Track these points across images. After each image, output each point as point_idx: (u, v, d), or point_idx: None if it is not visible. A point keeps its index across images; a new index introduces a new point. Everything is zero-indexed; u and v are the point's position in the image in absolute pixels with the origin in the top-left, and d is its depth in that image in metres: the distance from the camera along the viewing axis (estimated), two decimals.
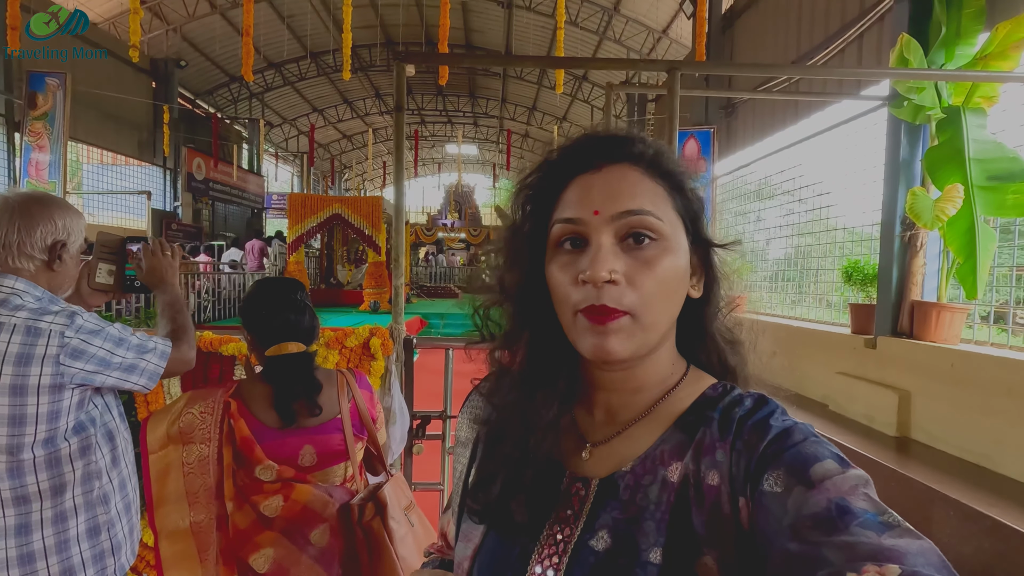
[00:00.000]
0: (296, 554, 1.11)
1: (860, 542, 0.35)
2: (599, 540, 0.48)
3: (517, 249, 0.56)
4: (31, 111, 7.62)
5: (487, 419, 0.60)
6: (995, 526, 1.99)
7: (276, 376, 1.20)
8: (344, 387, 1.26)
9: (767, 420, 0.47)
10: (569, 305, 0.49)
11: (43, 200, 1.18)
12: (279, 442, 1.17)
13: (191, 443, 1.15)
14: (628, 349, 0.48)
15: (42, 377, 1.07)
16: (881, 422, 3.06)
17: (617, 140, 0.54)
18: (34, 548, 1.09)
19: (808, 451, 0.43)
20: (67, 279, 1.21)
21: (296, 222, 10.20)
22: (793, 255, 5.16)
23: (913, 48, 2.89)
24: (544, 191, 0.54)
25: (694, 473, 0.48)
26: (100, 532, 1.18)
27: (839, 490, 0.39)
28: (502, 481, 0.54)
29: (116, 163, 12.58)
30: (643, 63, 4.09)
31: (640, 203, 0.49)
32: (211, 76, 16.05)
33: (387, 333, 1.96)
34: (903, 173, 3.24)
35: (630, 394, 0.54)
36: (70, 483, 1.13)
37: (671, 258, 0.50)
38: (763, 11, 6.48)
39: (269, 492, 1.14)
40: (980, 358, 2.59)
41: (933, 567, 0.33)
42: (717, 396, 0.52)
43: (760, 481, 0.43)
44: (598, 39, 13.55)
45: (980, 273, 2.78)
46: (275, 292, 1.26)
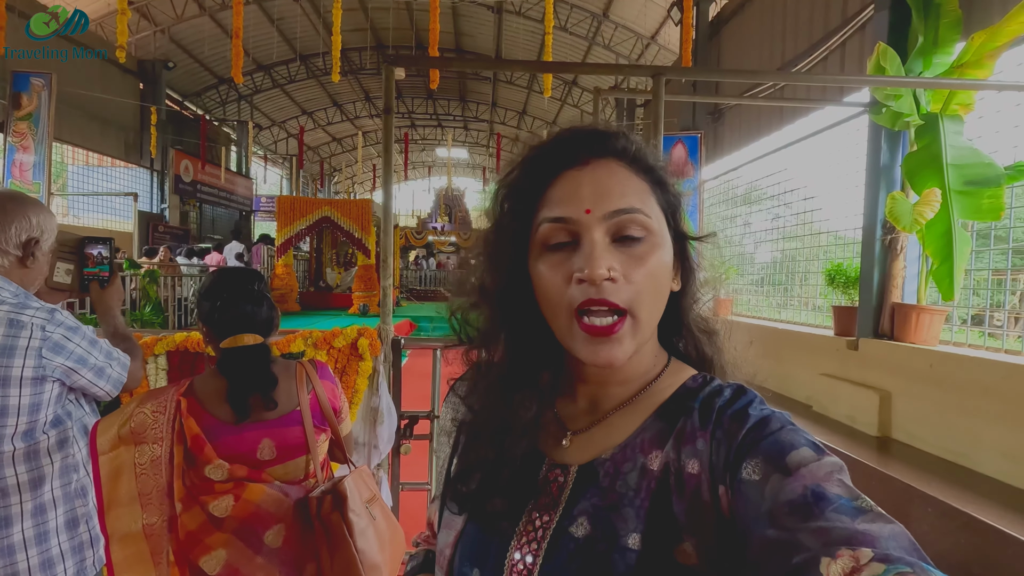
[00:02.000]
0: (249, 555, 1.08)
1: (834, 527, 0.36)
2: (578, 526, 0.49)
3: (499, 248, 0.55)
4: (15, 111, 7.52)
5: (464, 420, 0.60)
6: (971, 522, 2.04)
7: (230, 369, 1.17)
8: (303, 379, 1.23)
9: (746, 409, 0.48)
10: (563, 305, 0.49)
11: (17, 198, 1.19)
12: (236, 437, 1.15)
13: (143, 443, 1.12)
14: (630, 352, 0.49)
15: (24, 369, 1.08)
16: (863, 422, 3.12)
17: (601, 135, 0.53)
18: (14, 540, 1.09)
19: (785, 439, 0.44)
20: (39, 276, 1.22)
21: (285, 225, 10.14)
22: (779, 259, 5.24)
23: (890, 56, 2.96)
24: (528, 188, 0.53)
25: (674, 461, 0.48)
26: (79, 524, 1.19)
27: (814, 477, 0.40)
28: (481, 477, 0.54)
29: (102, 164, 12.43)
30: (629, 68, 4.14)
31: (630, 201, 0.49)
32: (199, 78, 15.93)
33: (375, 334, 1.97)
34: (883, 178, 3.31)
35: (615, 386, 0.55)
36: (48, 476, 1.14)
37: (660, 253, 0.50)
38: (749, 19, 6.58)
39: (219, 492, 1.11)
40: (958, 359, 2.65)
41: (904, 550, 0.34)
42: (697, 387, 0.53)
43: (739, 469, 0.44)
44: (587, 44, 13.65)
45: (956, 276, 2.85)
46: (231, 282, 1.23)
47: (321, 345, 1.95)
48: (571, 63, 12.90)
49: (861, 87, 3.94)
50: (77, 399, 1.22)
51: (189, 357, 1.97)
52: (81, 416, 1.23)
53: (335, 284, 11.87)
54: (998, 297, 2.95)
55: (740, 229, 5.98)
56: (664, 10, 10.37)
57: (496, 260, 0.55)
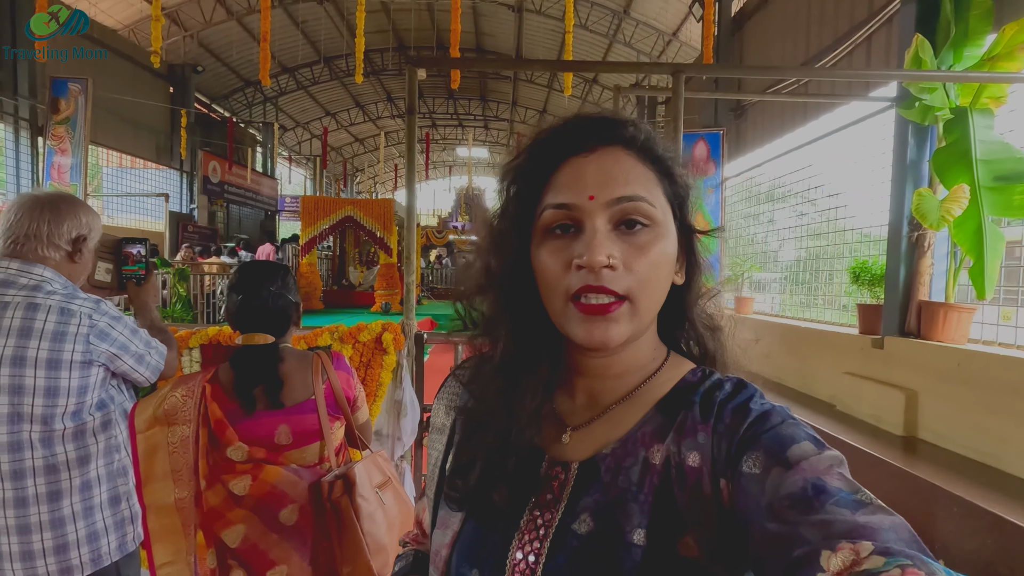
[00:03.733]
0: (265, 531, 1.15)
1: (835, 520, 0.36)
2: (581, 523, 0.48)
3: (503, 233, 0.54)
4: (53, 116, 7.82)
5: (464, 406, 0.59)
6: (997, 522, 2.01)
7: (238, 365, 1.24)
8: (319, 369, 1.29)
9: (747, 403, 0.48)
10: (560, 291, 0.49)
11: (69, 199, 1.29)
12: (254, 423, 1.22)
13: (175, 424, 1.20)
14: (625, 335, 0.48)
15: (74, 353, 1.16)
16: (888, 422, 3.07)
17: (609, 122, 0.53)
18: (64, 513, 1.17)
19: (785, 433, 0.44)
20: (84, 271, 1.30)
21: (309, 224, 10.31)
22: (804, 257, 5.17)
23: (927, 48, 2.91)
24: (533, 174, 0.53)
25: (675, 455, 0.48)
26: (120, 501, 1.27)
27: (815, 470, 0.40)
28: (481, 468, 0.53)
29: (135, 166, 12.82)
30: (649, 66, 4.14)
31: (634, 189, 0.49)
32: (226, 81, 16.30)
33: (399, 328, 2.02)
34: (911, 174, 3.25)
35: (613, 379, 0.54)
36: (94, 455, 1.21)
37: (663, 244, 0.50)
38: (772, 14, 6.49)
39: (239, 472, 1.19)
40: (986, 358, 2.60)
41: (904, 542, 0.34)
42: (697, 381, 0.53)
43: (740, 463, 0.44)
44: (608, 42, 13.59)
45: (989, 273, 2.79)
46: (250, 280, 1.28)
47: (347, 339, 2.01)
48: (591, 62, 12.89)
49: (887, 82, 3.87)
50: (119, 385, 1.30)
51: (221, 350, 2.05)
52: (122, 401, 1.31)
53: (357, 283, 12.03)
54: None
55: (763, 227, 5.92)
56: (686, 6, 10.28)
57: (501, 245, 0.55)
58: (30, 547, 1.14)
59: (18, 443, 1.13)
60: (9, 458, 1.12)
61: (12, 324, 1.12)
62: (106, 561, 1.23)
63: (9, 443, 1.12)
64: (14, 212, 1.22)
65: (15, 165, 8.48)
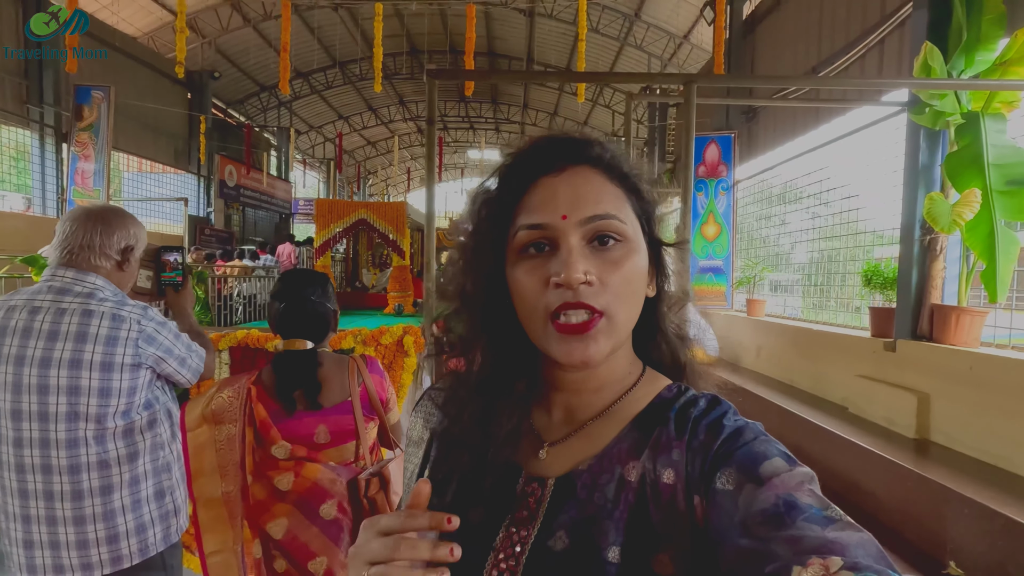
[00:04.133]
0: (306, 524, 1.23)
1: (805, 536, 0.37)
2: (557, 540, 0.48)
3: (477, 254, 0.55)
4: (78, 123, 8.04)
5: (439, 428, 0.59)
6: (1009, 524, 2.03)
7: (280, 369, 1.33)
8: (355, 372, 1.37)
9: (720, 420, 0.49)
10: (540, 309, 0.49)
11: (118, 211, 1.38)
12: (296, 422, 1.30)
13: (222, 423, 1.28)
14: (604, 352, 0.49)
15: (125, 356, 1.24)
16: (900, 424, 3.09)
17: (576, 142, 0.54)
18: (115, 506, 1.25)
19: (758, 450, 0.45)
20: (130, 279, 1.38)
21: (323, 227, 10.44)
22: (817, 259, 5.18)
23: (936, 56, 2.93)
24: (505, 195, 0.53)
25: (650, 472, 0.48)
26: (165, 495, 1.34)
27: (786, 487, 0.41)
28: (456, 487, 0.53)
29: (153, 171, 13.08)
30: (661, 77, 4.19)
31: (605, 207, 0.50)
32: (242, 86, 16.56)
33: (419, 332, 2.10)
34: (922, 178, 3.27)
35: (590, 394, 0.55)
36: (141, 451, 1.29)
37: (635, 258, 0.51)
38: (784, 17, 6.50)
39: (283, 469, 1.27)
40: (999, 361, 2.62)
41: (872, 557, 0.35)
42: (672, 397, 0.54)
43: (713, 479, 0.45)
44: (619, 45, 13.61)
45: (1002, 277, 2.81)
46: (295, 289, 1.36)
47: (369, 342, 2.08)
48: (604, 73, 12.96)
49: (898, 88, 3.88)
50: (163, 386, 1.38)
51: (250, 352, 2.14)
52: (166, 401, 1.39)
53: (371, 285, 12.17)
54: None
55: (776, 229, 5.92)
56: (697, 9, 10.28)
57: (475, 266, 0.55)
58: (85, 536, 1.22)
59: (74, 440, 1.21)
60: (67, 454, 1.21)
61: (69, 329, 1.21)
62: (152, 551, 1.30)
63: (67, 440, 1.20)
64: (68, 224, 1.30)
65: (40, 171, 8.71)
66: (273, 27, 13.56)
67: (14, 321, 1.21)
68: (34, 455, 1.20)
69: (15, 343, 1.20)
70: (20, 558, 1.23)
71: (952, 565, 2.20)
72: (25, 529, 1.22)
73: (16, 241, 7.34)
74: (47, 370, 1.19)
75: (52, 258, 1.29)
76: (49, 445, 1.20)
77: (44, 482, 1.20)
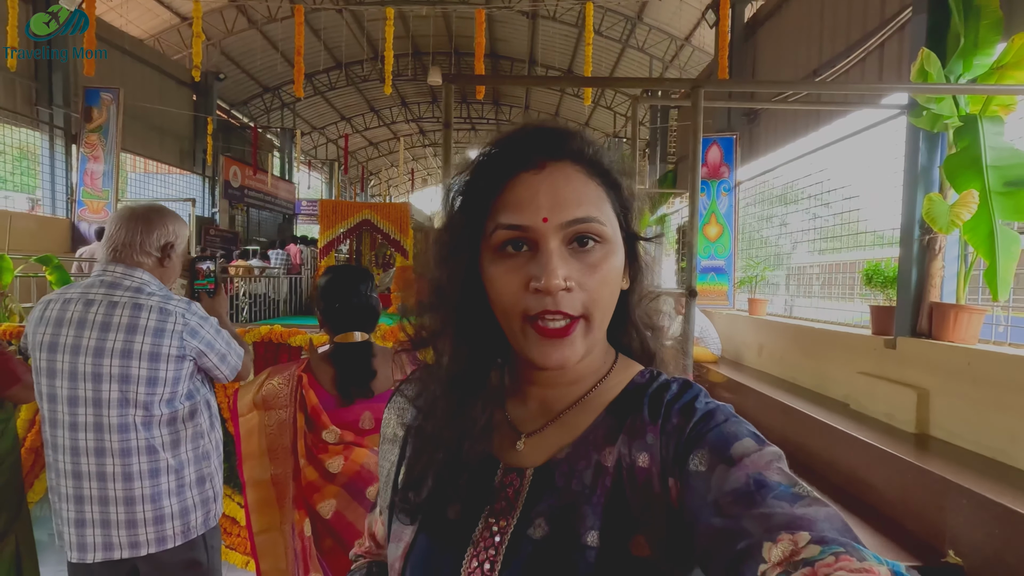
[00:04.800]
0: (354, 506, 1.31)
1: (775, 513, 0.38)
2: (536, 528, 0.49)
3: (451, 248, 0.54)
4: (87, 124, 8.14)
5: (413, 424, 0.59)
6: (1005, 513, 2.10)
7: (340, 361, 1.40)
8: (398, 364, 1.46)
9: (692, 403, 0.50)
10: (517, 311, 0.49)
11: (157, 209, 1.46)
12: (344, 410, 1.38)
13: (271, 409, 1.35)
14: (580, 353, 0.50)
15: (171, 348, 1.32)
16: (901, 420, 3.16)
17: (556, 135, 0.53)
18: (161, 489, 1.33)
19: (729, 431, 0.46)
20: (173, 275, 1.46)
21: (327, 227, 10.57)
22: (819, 259, 5.25)
23: (933, 62, 3.01)
24: (482, 189, 0.52)
25: (626, 456, 0.49)
26: (205, 482, 1.42)
27: (756, 466, 0.42)
28: (433, 483, 0.53)
29: (159, 171, 13.19)
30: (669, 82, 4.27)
31: (587, 210, 0.50)
32: (246, 87, 16.67)
33: None
34: (922, 179, 3.34)
35: (565, 386, 0.55)
36: (183, 439, 1.37)
37: (613, 259, 0.51)
38: (785, 20, 6.58)
39: (333, 452, 1.34)
40: (995, 356, 2.69)
41: (837, 531, 0.37)
42: (645, 382, 0.55)
43: (687, 461, 0.46)
44: (621, 47, 13.70)
45: (1002, 275, 2.88)
46: (346, 284, 1.45)
47: (388, 337, 2.16)
48: (613, 78, 13.09)
49: (897, 92, 3.95)
50: (203, 379, 1.46)
51: (272, 347, 2.22)
52: (205, 393, 1.47)
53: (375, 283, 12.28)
54: None
55: (777, 229, 6.00)
56: (699, 12, 10.37)
57: (448, 260, 0.54)
58: (134, 516, 1.30)
59: (125, 425, 1.29)
60: (118, 437, 1.29)
61: (121, 321, 1.29)
62: (194, 534, 1.38)
63: (119, 424, 1.29)
64: (114, 224, 1.39)
65: (50, 172, 8.81)
66: (277, 29, 13.67)
67: (70, 313, 1.29)
68: (88, 438, 1.28)
69: (71, 333, 1.28)
70: (72, 537, 1.31)
71: (951, 553, 2.27)
72: (78, 509, 1.30)
73: (26, 241, 7.43)
74: (101, 359, 1.27)
75: (101, 254, 1.37)
76: (103, 429, 1.28)
77: (98, 464, 1.28)
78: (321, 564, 1.27)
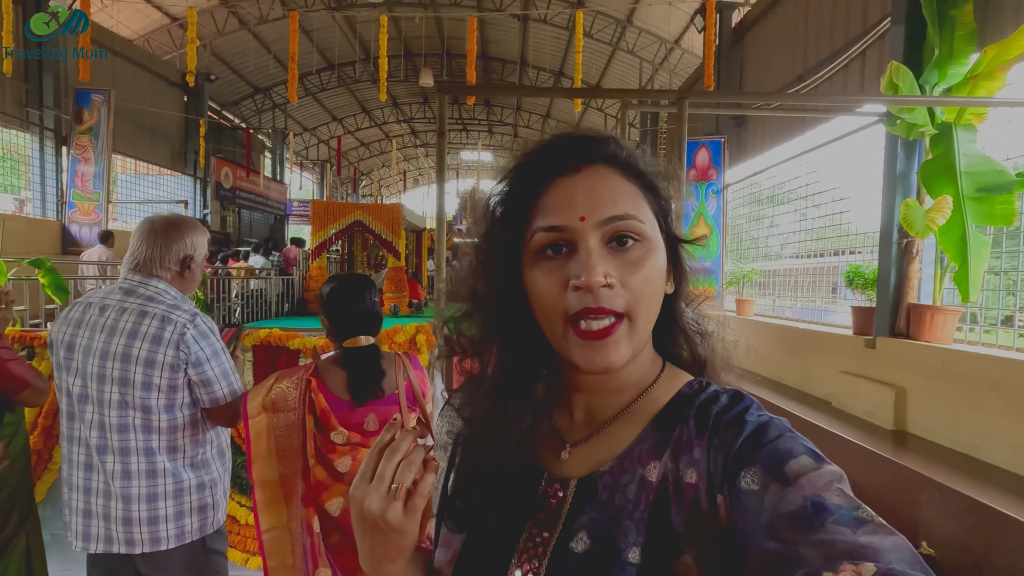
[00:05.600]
0: None
1: (836, 540, 0.36)
2: (578, 542, 0.48)
3: (492, 257, 0.54)
4: (77, 126, 8.11)
5: (461, 433, 0.60)
6: (975, 505, 2.21)
7: (352, 365, 1.47)
8: (401, 368, 1.53)
9: (743, 416, 0.47)
10: (559, 312, 0.49)
11: (175, 222, 1.50)
12: (350, 412, 1.45)
13: (280, 411, 1.41)
14: (626, 356, 0.49)
15: (166, 356, 1.37)
16: (880, 417, 3.27)
17: (592, 140, 0.53)
18: (158, 491, 1.38)
19: (783, 447, 0.43)
20: (194, 284, 1.52)
21: (319, 228, 10.59)
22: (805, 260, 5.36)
23: (903, 74, 3.12)
24: (520, 196, 0.53)
25: (672, 472, 0.48)
26: (205, 488, 1.46)
27: (814, 487, 0.40)
28: (478, 493, 0.54)
29: (149, 173, 13.12)
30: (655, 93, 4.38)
31: (624, 208, 0.50)
32: (237, 88, 16.62)
33: (431, 330, 2.25)
34: (900, 184, 3.46)
35: (610, 394, 0.54)
36: (183, 446, 1.42)
37: (654, 257, 0.50)
38: (771, 26, 6.71)
39: (341, 452, 1.41)
40: (968, 356, 2.80)
41: (907, 563, 0.34)
42: (693, 393, 0.53)
43: (737, 478, 0.43)
44: (611, 50, 13.83)
45: (973, 278, 3.00)
46: (353, 291, 1.52)
47: (384, 340, 2.23)
48: (599, 89, 13.36)
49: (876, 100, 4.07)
50: None
51: (272, 350, 2.28)
52: None
53: None
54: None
55: (765, 231, 6.12)
56: (687, 16, 10.51)
57: (489, 269, 0.55)
58: (130, 514, 1.36)
59: (125, 426, 1.35)
60: (118, 437, 1.35)
61: (126, 327, 1.36)
62: (188, 538, 1.42)
63: (118, 425, 1.35)
64: (136, 237, 1.46)
65: (40, 174, 8.76)
66: (268, 30, 13.66)
67: (88, 316, 1.37)
68: (93, 435, 1.35)
69: (86, 335, 1.35)
70: (78, 526, 1.37)
71: (924, 544, 2.38)
72: (85, 500, 1.36)
73: (16, 243, 7.40)
74: (105, 361, 1.34)
75: (125, 262, 1.44)
76: (105, 428, 1.35)
77: (101, 459, 1.35)
78: (329, 559, 1.34)
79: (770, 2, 6.63)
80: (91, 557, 1.42)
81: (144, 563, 1.40)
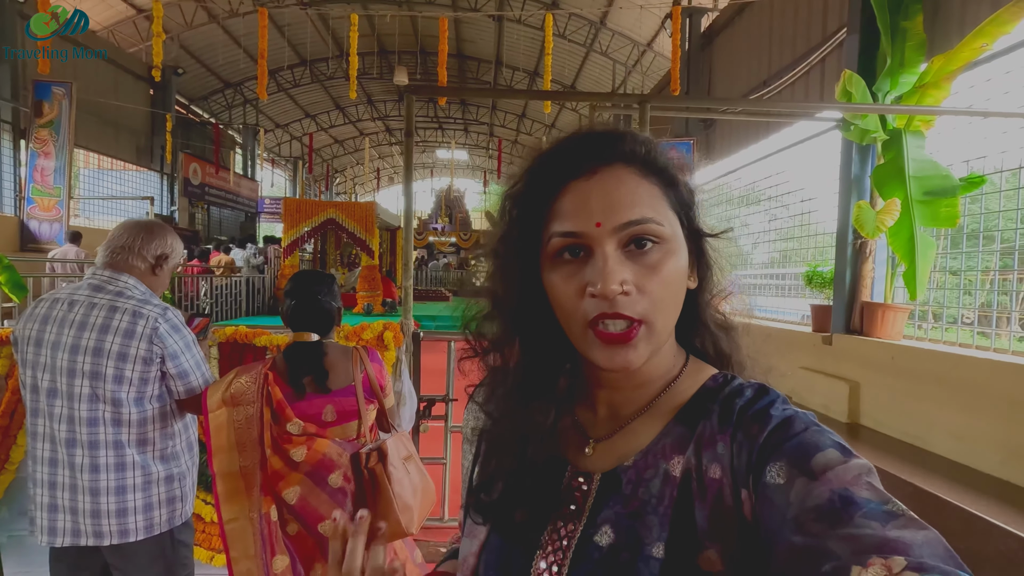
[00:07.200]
0: (317, 492, 1.41)
1: (865, 534, 0.35)
2: (602, 535, 0.48)
3: (508, 258, 0.55)
4: (37, 119, 7.84)
5: (484, 428, 0.60)
6: (916, 492, 2.34)
7: (292, 358, 1.51)
8: (358, 361, 1.56)
9: (767, 410, 0.47)
10: (578, 317, 0.49)
11: (158, 224, 1.56)
12: (307, 403, 1.48)
13: (239, 405, 1.44)
14: (644, 357, 0.48)
15: (139, 350, 1.38)
16: (835, 410, 3.42)
17: (608, 138, 0.52)
18: (127, 483, 1.39)
19: (809, 441, 0.43)
20: (161, 285, 1.53)
21: (291, 226, 10.43)
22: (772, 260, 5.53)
23: (855, 81, 3.26)
24: (534, 200, 0.52)
25: (696, 467, 0.47)
26: (173, 481, 1.48)
27: (842, 480, 0.39)
28: (502, 486, 0.54)
29: (113, 168, 12.75)
30: (618, 96, 4.47)
31: (641, 211, 0.48)
32: (206, 83, 16.26)
33: (398, 327, 2.27)
34: (855, 187, 3.61)
35: (633, 390, 0.54)
36: (152, 439, 1.43)
37: (674, 260, 0.50)
38: (738, 32, 6.89)
39: (297, 443, 1.45)
40: (914, 351, 2.95)
41: (939, 558, 0.33)
42: (717, 387, 0.52)
43: (762, 473, 0.43)
44: (585, 51, 13.99)
45: (920, 277, 3.15)
46: (305, 288, 1.55)
47: (352, 337, 2.25)
48: (565, 92, 13.69)
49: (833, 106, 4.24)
50: None
51: (238, 348, 2.28)
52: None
53: (340, 284, 12.18)
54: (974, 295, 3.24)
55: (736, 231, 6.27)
56: (659, 19, 10.69)
57: (507, 271, 0.55)
58: (99, 507, 1.36)
59: (95, 419, 1.36)
60: (87, 431, 1.35)
61: (96, 321, 1.36)
62: (157, 530, 1.43)
63: (88, 418, 1.35)
64: (118, 230, 1.48)
65: None
66: (238, 24, 13.40)
67: (56, 311, 1.37)
68: (62, 429, 1.35)
69: (54, 331, 1.35)
70: (44, 521, 1.37)
71: None
72: (51, 495, 1.36)
73: None
74: (76, 356, 1.34)
75: (98, 258, 1.44)
76: (74, 421, 1.35)
77: (68, 454, 1.35)
78: (287, 546, 1.37)
79: (737, 8, 6.82)
80: (55, 551, 1.42)
81: (112, 555, 1.41)
